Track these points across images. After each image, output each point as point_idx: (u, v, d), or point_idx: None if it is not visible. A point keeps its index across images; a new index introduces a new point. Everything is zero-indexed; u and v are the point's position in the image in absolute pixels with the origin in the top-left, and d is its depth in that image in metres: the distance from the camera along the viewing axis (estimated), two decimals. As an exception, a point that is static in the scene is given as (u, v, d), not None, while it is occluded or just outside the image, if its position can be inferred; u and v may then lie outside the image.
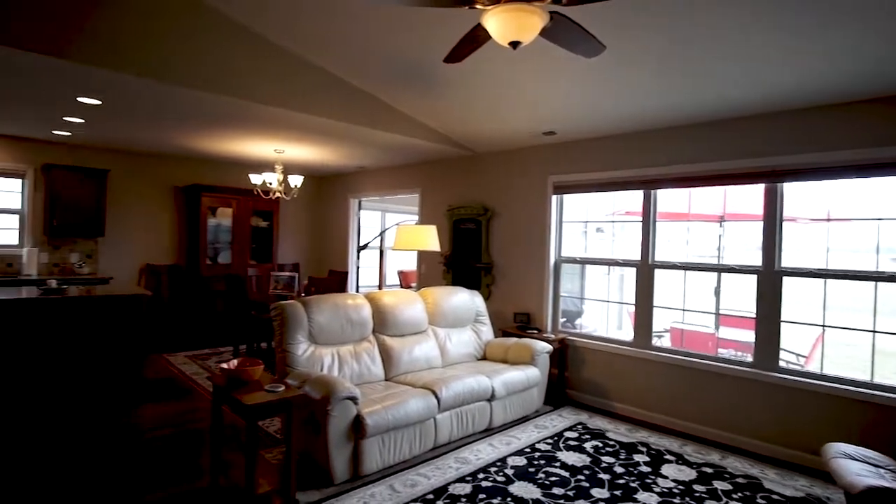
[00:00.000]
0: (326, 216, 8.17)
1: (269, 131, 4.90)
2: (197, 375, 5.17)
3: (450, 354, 4.33)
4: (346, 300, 3.78)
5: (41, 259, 5.87)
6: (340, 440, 2.95)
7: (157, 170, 6.71)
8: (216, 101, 3.83)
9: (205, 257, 6.68)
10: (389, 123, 4.66)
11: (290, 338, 3.39)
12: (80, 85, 3.56)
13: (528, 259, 5.20)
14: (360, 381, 3.63)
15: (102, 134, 5.36)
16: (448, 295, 4.52)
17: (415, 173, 6.59)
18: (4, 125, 5.09)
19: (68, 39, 3.01)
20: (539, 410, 4.38)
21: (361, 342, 3.81)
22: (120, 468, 3.12)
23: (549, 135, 4.78)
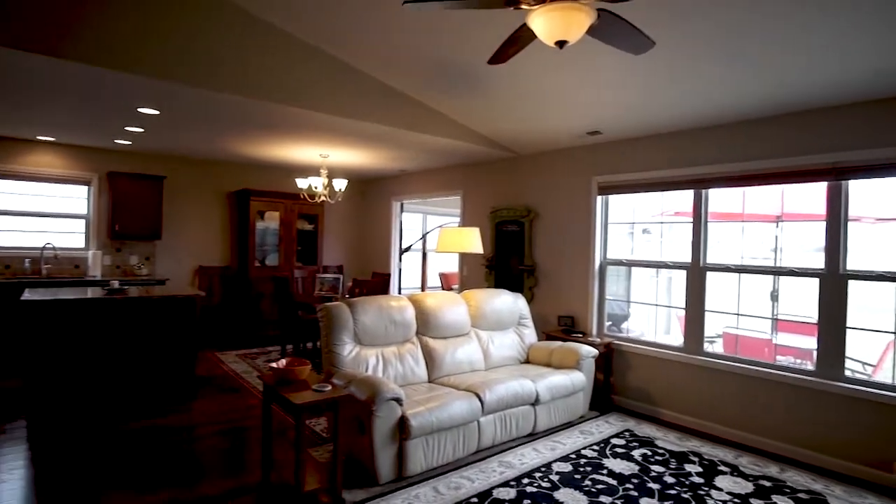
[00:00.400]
0: (369, 219, 8.30)
1: (314, 136, 5.02)
2: (246, 374, 5.34)
3: (493, 357, 4.30)
4: (390, 302, 3.82)
5: (104, 261, 6.22)
6: (385, 441, 2.97)
7: (209, 175, 7.00)
8: (265, 108, 3.95)
9: (253, 259, 6.91)
10: (432, 126, 4.69)
11: (335, 338, 3.45)
12: (140, 96, 3.76)
13: (573, 261, 5.11)
14: (403, 383, 3.65)
15: (160, 142, 5.63)
16: (491, 297, 4.50)
17: (457, 175, 6.60)
18: (73, 136, 5.43)
19: (129, 54, 3.18)
20: (584, 416, 4.28)
21: (405, 343, 3.84)
22: (175, 459, 3.26)
23: (593, 135, 4.68)
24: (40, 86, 3.57)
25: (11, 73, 3.30)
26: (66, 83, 3.48)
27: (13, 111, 4.37)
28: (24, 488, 2.88)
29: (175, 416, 4.07)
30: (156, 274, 6.54)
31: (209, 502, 2.78)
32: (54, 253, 5.90)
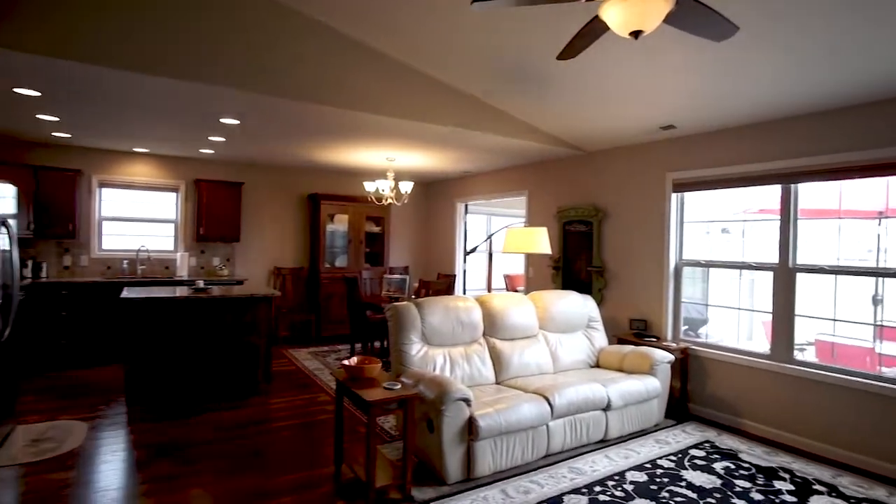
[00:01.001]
0: (434, 221, 8.38)
1: (381, 140, 5.13)
2: (318, 371, 5.55)
3: (561, 360, 4.20)
4: (457, 302, 3.83)
5: (190, 262, 6.68)
6: (453, 441, 2.98)
7: (282, 181, 7.35)
8: (335, 114, 4.09)
9: (324, 261, 7.17)
10: (496, 126, 4.66)
11: (403, 338, 3.50)
12: (223, 107, 4.00)
13: (645, 262, 4.90)
14: (470, 383, 3.64)
15: (239, 150, 5.98)
16: (559, 299, 4.40)
17: (522, 175, 6.52)
18: (164, 147, 5.88)
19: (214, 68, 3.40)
20: (659, 424, 4.08)
21: (472, 344, 3.83)
22: (252, 449, 3.44)
23: (667, 129, 4.47)
24: (138, 101, 3.89)
25: (114, 91, 3.62)
26: (160, 98, 3.77)
27: (115, 126, 4.80)
28: (125, 469, 3.13)
29: (253, 408, 4.30)
30: (235, 274, 6.95)
31: (284, 492, 2.90)
32: (148, 255, 6.42)
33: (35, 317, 5.33)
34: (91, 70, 3.16)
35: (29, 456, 3.28)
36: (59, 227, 5.72)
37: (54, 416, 4.01)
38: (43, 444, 3.48)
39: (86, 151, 6.08)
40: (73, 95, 3.78)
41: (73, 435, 3.63)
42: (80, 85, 3.50)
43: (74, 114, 4.37)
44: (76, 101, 3.96)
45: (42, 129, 5.02)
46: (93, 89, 3.60)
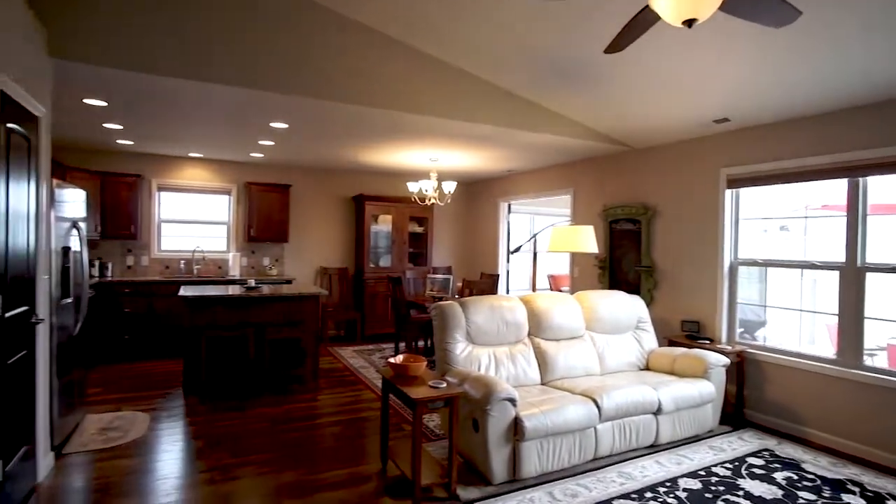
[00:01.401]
0: (476, 221, 8.36)
1: (424, 140, 5.17)
2: (363, 369, 5.63)
3: (608, 362, 4.09)
4: (502, 302, 3.80)
5: (241, 262, 6.94)
6: (499, 441, 2.95)
7: (328, 183, 7.52)
8: (380, 115, 4.14)
9: (368, 261, 7.29)
10: (540, 124, 4.60)
11: (448, 337, 3.51)
12: (273, 112, 4.12)
13: (697, 261, 4.71)
14: (515, 384, 3.61)
15: (287, 153, 6.16)
16: (606, 299, 4.29)
17: (566, 173, 6.41)
18: (217, 151, 6.13)
19: (265, 75, 3.51)
20: (713, 430, 3.92)
21: (517, 344, 3.79)
22: (300, 443, 3.52)
23: (720, 122, 4.29)
24: (195, 108, 4.06)
25: (173, 99, 3.80)
26: (215, 104, 3.93)
27: (173, 132, 5.04)
28: (183, 459, 3.28)
29: (301, 404, 4.41)
30: (284, 274, 7.16)
31: (332, 486, 2.96)
32: (203, 255, 6.71)
33: (101, 313, 5.66)
34: (153, 80, 3.32)
35: (98, 443, 3.49)
36: (122, 229, 6.06)
37: (119, 406, 4.25)
38: (110, 432, 3.69)
39: (146, 157, 6.41)
40: (136, 104, 4.00)
41: (137, 425, 3.83)
42: (142, 94, 3.69)
43: (136, 121, 4.62)
44: (138, 110, 4.18)
45: (108, 136, 5.33)
46: (154, 98, 3.79)
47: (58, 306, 3.29)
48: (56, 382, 3.24)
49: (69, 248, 3.51)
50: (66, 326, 3.46)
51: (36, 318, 2.82)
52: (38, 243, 2.89)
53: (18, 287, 2.60)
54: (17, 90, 2.51)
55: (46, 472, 3.03)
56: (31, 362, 2.80)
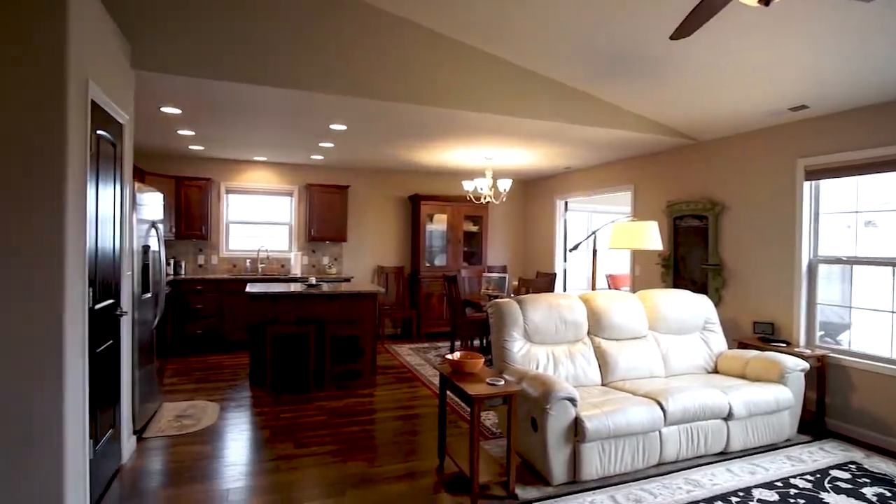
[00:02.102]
0: (532, 219, 8.25)
1: (480, 138, 5.15)
2: (419, 366, 5.69)
3: (673, 364, 3.92)
4: (560, 300, 3.72)
5: (303, 261, 7.19)
6: (558, 441, 2.89)
7: (384, 183, 7.65)
8: (436, 114, 4.16)
9: (423, 260, 7.35)
10: (599, 118, 4.47)
11: (505, 335, 3.47)
12: (332, 114, 4.24)
13: (771, 259, 4.42)
14: (575, 384, 3.52)
15: (345, 155, 6.32)
16: (671, 298, 4.11)
17: (626, 169, 6.20)
18: (280, 154, 6.38)
19: (327, 77, 3.62)
20: (791, 439, 3.66)
21: (576, 343, 3.70)
22: (359, 437, 3.59)
23: (797, 110, 4.00)
24: (260, 112, 4.25)
25: (241, 104, 3.99)
26: (279, 108, 4.08)
27: (240, 136, 5.29)
28: (250, 447, 3.43)
29: (360, 399, 4.50)
30: (343, 273, 7.35)
31: (390, 480, 3.00)
32: (267, 255, 7.00)
33: (175, 309, 6.03)
34: (222, 86, 3.50)
35: (174, 430, 3.71)
36: (194, 230, 6.43)
37: (192, 396, 4.50)
38: (185, 419, 3.91)
39: (215, 161, 6.77)
40: (206, 111, 4.23)
41: (208, 414, 4.05)
42: (212, 100, 3.90)
43: (207, 127, 4.89)
44: (209, 116, 4.42)
45: (181, 143, 5.67)
46: (222, 104, 3.99)
47: (139, 301, 3.53)
48: (137, 372, 3.47)
49: (148, 247, 3.76)
50: (145, 320, 3.71)
51: (120, 310, 3.04)
52: (122, 243, 3.11)
53: (106, 283, 2.81)
54: (105, 99, 2.71)
55: (129, 454, 3.26)
56: (116, 352, 3.01)
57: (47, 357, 2.18)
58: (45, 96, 2.17)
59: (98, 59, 2.63)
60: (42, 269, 2.17)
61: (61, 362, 2.20)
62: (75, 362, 2.33)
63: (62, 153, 2.20)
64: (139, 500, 2.73)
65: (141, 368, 3.57)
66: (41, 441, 2.18)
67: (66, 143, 2.21)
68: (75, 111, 2.30)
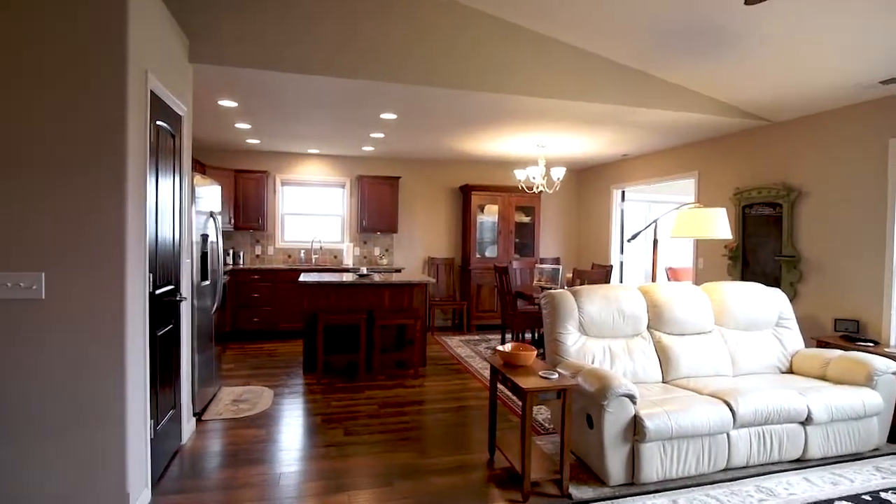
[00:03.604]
0: (586, 209, 7.97)
1: (532, 125, 4.98)
2: (469, 358, 5.61)
3: (742, 362, 3.63)
4: (618, 291, 3.53)
5: (354, 252, 7.27)
6: (615, 440, 2.73)
7: (435, 174, 7.60)
8: (487, 99, 4.04)
9: (474, 251, 7.26)
10: (661, 99, 4.21)
11: (559, 327, 3.32)
12: (383, 103, 4.21)
13: (857, 249, 4.02)
14: (634, 380, 3.33)
15: (396, 146, 6.31)
16: (739, 291, 3.82)
17: (690, 155, 5.84)
18: (332, 147, 6.46)
19: (374, 64, 3.58)
20: (880, 449, 3.31)
21: (634, 338, 3.50)
22: (409, 428, 3.56)
23: (888, 83, 3.59)
24: (313, 103, 4.28)
25: (294, 94, 4.03)
26: (331, 98, 4.10)
27: (294, 128, 5.38)
28: (303, 433, 3.48)
29: (410, 389, 4.48)
30: (394, 264, 7.38)
31: (439, 472, 2.94)
32: (320, 245, 7.13)
33: (234, 297, 6.24)
34: (277, 77, 3.53)
35: (231, 413, 3.82)
36: (251, 221, 6.63)
37: (248, 381, 4.63)
38: (241, 404, 4.02)
39: (271, 154, 6.95)
40: (262, 103, 4.30)
41: (263, 399, 4.14)
42: (267, 92, 3.95)
43: (262, 120, 4.99)
44: (264, 108, 4.50)
45: (239, 136, 5.84)
46: (277, 95, 4.05)
47: (197, 288, 3.64)
48: (196, 356, 3.59)
49: (207, 236, 3.87)
50: (204, 306, 3.82)
51: (180, 296, 3.13)
52: (181, 232, 3.20)
53: (165, 270, 2.90)
54: (164, 91, 2.78)
55: (189, 435, 3.38)
56: (176, 335, 3.11)
57: (110, 337, 2.26)
58: (106, 86, 2.23)
59: (157, 52, 2.69)
60: (106, 254, 2.25)
61: (122, 342, 2.28)
62: (136, 343, 2.41)
63: (123, 142, 2.26)
64: (197, 480, 2.81)
65: (200, 353, 3.69)
66: (104, 419, 2.27)
67: (126, 132, 2.27)
68: (135, 101, 2.36)
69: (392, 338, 5.18)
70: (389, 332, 5.17)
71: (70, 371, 2.23)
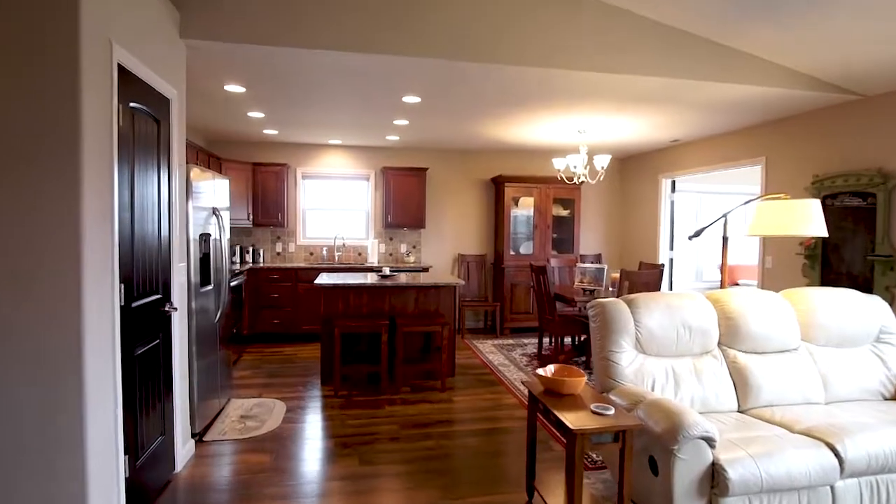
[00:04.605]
0: (631, 201, 7.28)
1: (572, 106, 4.39)
2: (503, 367, 5.09)
3: (836, 386, 2.99)
4: (683, 300, 2.93)
5: (380, 249, 6.83)
6: (688, 492, 2.17)
7: (465, 165, 7.06)
8: (520, 75, 3.49)
9: (508, 248, 6.71)
10: (726, 71, 3.57)
11: (612, 344, 2.77)
12: (404, 82, 3.71)
13: (977, 249, 3.29)
14: (703, 409, 2.75)
15: (421, 134, 5.81)
16: (831, 299, 3.16)
17: (755, 137, 5.12)
18: (354, 137, 6.01)
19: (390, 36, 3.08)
20: None
21: (702, 356, 2.91)
22: (435, 456, 3.08)
23: None
24: (328, 84, 3.82)
25: (306, 73, 3.57)
26: (347, 78, 3.63)
27: (310, 115, 4.94)
28: (314, 461, 3.04)
29: (436, 404, 4.01)
30: (421, 262, 6.91)
31: (470, 520, 2.45)
32: (343, 243, 6.72)
33: (252, 298, 5.90)
34: (283, 53, 3.08)
35: (236, 432, 3.43)
36: (271, 217, 6.27)
37: (261, 392, 4.25)
38: (249, 420, 3.63)
39: (290, 146, 6.56)
40: (271, 86, 3.87)
41: (273, 415, 3.75)
42: (275, 73, 3.51)
43: (276, 108, 4.57)
44: (275, 92, 4.07)
45: (254, 126, 5.46)
46: (286, 76, 3.60)
47: (197, 293, 3.25)
48: (196, 370, 3.20)
49: (209, 235, 3.48)
50: (206, 313, 3.44)
51: (170, 306, 2.73)
52: (172, 231, 2.80)
53: (149, 277, 2.49)
54: (140, 66, 2.36)
55: (185, 460, 2.99)
56: (166, 351, 2.72)
57: (62, 364, 1.86)
58: (53, 55, 1.81)
59: (130, 21, 2.27)
60: (55, 265, 1.84)
61: (80, 369, 1.87)
62: (100, 369, 2.00)
63: (75, 125, 1.84)
64: (184, 523, 2.41)
65: (202, 366, 3.31)
66: (56, 467, 1.87)
67: (80, 113, 1.84)
68: (94, 76, 1.93)
69: (417, 345, 4.72)
70: (414, 339, 4.71)
71: (11, 413, 1.83)
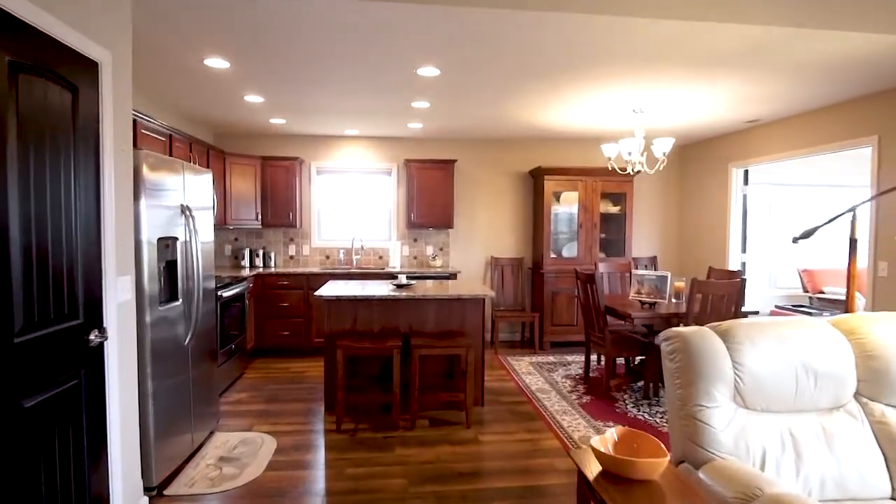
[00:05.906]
0: (692, 196, 6.28)
1: (626, 74, 3.53)
2: (542, 394, 4.27)
3: None
4: (800, 329, 2.05)
5: (403, 251, 6.12)
6: None
7: (498, 155, 6.25)
8: (559, 27, 2.67)
9: (548, 250, 5.85)
10: (836, 16, 2.63)
11: (700, 394, 1.91)
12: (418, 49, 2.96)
13: None
14: (841, 497, 1.87)
15: (446, 120, 5.05)
16: None
17: (863, 112, 4.09)
18: (373, 126, 5.32)
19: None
20: None
21: (833, 413, 2.01)
22: (454, 535, 2.32)
23: None
24: (325, 52, 3.12)
25: (288, 36, 2.88)
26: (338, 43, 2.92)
27: (315, 99, 4.27)
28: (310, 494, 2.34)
29: (458, 446, 3.24)
30: (449, 265, 6.16)
31: None
32: (361, 245, 6.05)
33: (260, 307, 5.30)
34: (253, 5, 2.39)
35: (207, 483, 2.77)
36: (281, 217, 5.66)
37: (253, 423, 3.61)
38: (227, 465, 2.98)
39: (302, 138, 5.94)
40: (258, 58, 3.21)
41: (259, 457, 3.07)
42: (258, 37, 2.84)
43: (269, 85, 3.91)
44: (264, 64, 3.41)
45: (257, 115, 4.85)
46: (272, 42, 2.92)
47: (155, 310, 2.60)
48: (152, 405, 2.56)
49: (175, 239, 2.83)
50: (173, 332, 2.79)
51: (98, 333, 2.08)
52: (104, 236, 2.14)
53: (56, 298, 1.84)
54: (40, 14, 1.70)
55: (131, 528, 2.34)
56: (92, 392, 2.06)
57: None
58: None
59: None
60: None
61: None
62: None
63: None
64: None
65: (163, 399, 2.66)
66: None
67: None
68: None
69: (438, 368, 3.96)
70: (434, 362, 3.96)
71: None
